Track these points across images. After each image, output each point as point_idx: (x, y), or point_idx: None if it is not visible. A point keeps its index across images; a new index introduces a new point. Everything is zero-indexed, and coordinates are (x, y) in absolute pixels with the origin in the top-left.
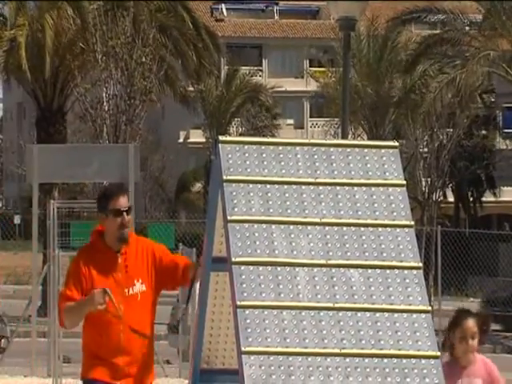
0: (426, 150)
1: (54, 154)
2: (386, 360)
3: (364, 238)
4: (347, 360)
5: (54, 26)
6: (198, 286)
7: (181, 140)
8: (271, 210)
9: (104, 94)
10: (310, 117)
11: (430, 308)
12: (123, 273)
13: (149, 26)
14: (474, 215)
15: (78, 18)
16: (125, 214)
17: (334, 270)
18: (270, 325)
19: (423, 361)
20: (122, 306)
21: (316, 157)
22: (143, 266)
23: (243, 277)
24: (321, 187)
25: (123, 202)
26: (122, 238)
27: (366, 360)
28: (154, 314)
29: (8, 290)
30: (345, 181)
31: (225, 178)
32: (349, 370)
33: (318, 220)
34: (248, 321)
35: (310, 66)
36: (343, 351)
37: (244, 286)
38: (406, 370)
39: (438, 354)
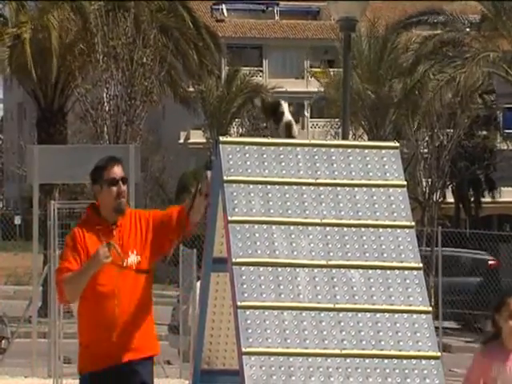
0: (426, 150)
1: (54, 155)
2: (386, 361)
3: (365, 238)
4: (348, 361)
5: (57, 26)
6: (198, 285)
7: (181, 140)
8: (272, 211)
9: (105, 95)
10: (311, 117)
11: (430, 309)
12: (118, 244)
13: (150, 27)
14: (475, 216)
15: (79, 19)
16: (120, 182)
17: (334, 270)
18: (271, 325)
19: (424, 361)
20: (118, 268)
21: (316, 157)
22: (137, 237)
23: (244, 277)
24: (321, 188)
25: (118, 171)
26: (119, 209)
27: (367, 361)
28: (151, 284)
29: (8, 291)
30: (345, 181)
31: (225, 178)
32: (349, 370)
33: (318, 220)
34: (248, 321)
35: (311, 67)
36: (344, 352)
37: (244, 286)
38: (407, 371)
39: (439, 354)
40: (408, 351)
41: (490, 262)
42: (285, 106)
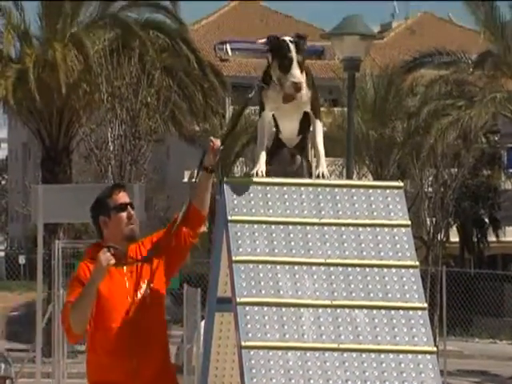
0: (430, 189)
1: (59, 194)
2: None
3: (369, 278)
4: None
5: (63, 62)
6: (202, 324)
7: (186, 179)
8: (276, 251)
9: (109, 134)
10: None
11: (435, 349)
12: (129, 278)
13: (154, 67)
14: (479, 255)
15: (83, 58)
16: (129, 207)
17: (339, 310)
18: (275, 366)
19: None
20: (130, 300)
21: (321, 197)
22: (148, 265)
23: (248, 317)
24: (326, 227)
25: (124, 196)
26: (132, 236)
27: None
28: (164, 310)
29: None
30: (350, 221)
31: (230, 218)
32: None
33: (323, 260)
34: (253, 361)
35: None
36: None
37: (249, 326)
38: None
39: None
40: None
41: None
42: (292, 48)
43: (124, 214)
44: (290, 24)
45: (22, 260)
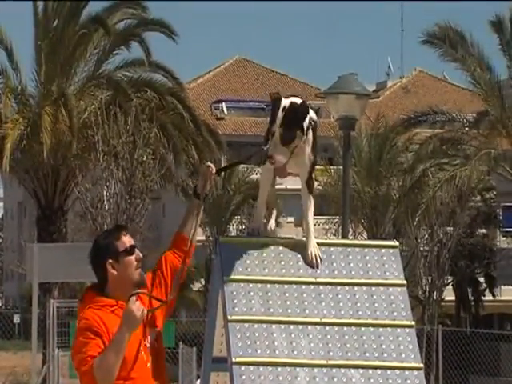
0: (426, 248)
1: (54, 253)
2: None
3: (365, 338)
4: None
5: (52, 126)
6: (198, 383)
7: None
8: (271, 310)
9: (105, 193)
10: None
11: None
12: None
13: (149, 125)
14: (475, 314)
15: (74, 119)
16: (137, 249)
17: (334, 370)
18: None
19: None
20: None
21: None
22: (148, 307)
23: (243, 377)
24: (321, 287)
25: (130, 238)
26: (141, 281)
27: None
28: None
29: None
30: (345, 280)
31: (225, 277)
32: None
33: (318, 320)
34: None
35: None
36: None
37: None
38: None
39: None
40: None
41: None
42: (284, 103)
43: (133, 258)
44: (285, 82)
45: (16, 319)
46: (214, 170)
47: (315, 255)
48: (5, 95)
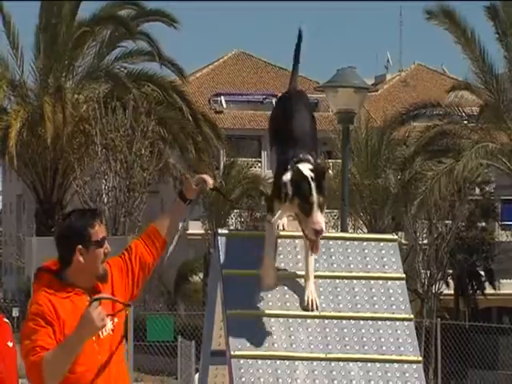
0: (425, 241)
1: (53, 247)
2: None
3: (363, 331)
4: None
5: (52, 117)
6: (196, 377)
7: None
8: (270, 303)
9: (103, 187)
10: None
11: None
12: None
13: (148, 119)
14: (474, 308)
15: (74, 112)
16: (106, 242)
17: (333, 363)
18: None
19: None
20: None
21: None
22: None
23: (242, 370)
24: (320, 280)
25: (104, 229)
26: (105, 276)
27: None
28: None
29: None
30: (344, 274)
31: (224, 271)
32: None
33: (317, 313)
34: None
35: None
36: None
37: (243, 379)
38: None
39: None
40: None
41: None
42: (313, 189)
43: (101, 251)
44: (284, 77)
45: (15, 312)
46: (211, 185)
47: (312, 300)
48: (2, 87)
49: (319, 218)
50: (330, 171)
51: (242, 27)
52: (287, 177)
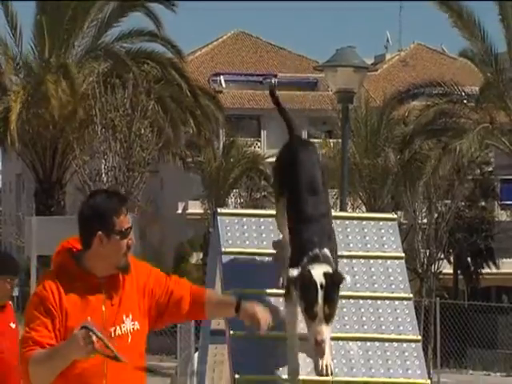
0: (424, 221)
1: (52, 226)
2: None
3: (363, 310)
4: None
5: (56, 94)
6: (196, 356)
7: (179, 211)
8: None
9: (103, 166)
10: None
11: (429, 381)
12: (108, 306)
13: (147, 98)
14: (474, 287)
15: (74, 90)
16: (131, 234)
17: (333, 342)
18: None
19: None
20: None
21: None
22: (134, 297)
23: (241, 350)
24: None
25: (129, 219)
26: (126, 266)
27: None
28: (145, 358)
29: None
30: (343, 253)
31: (223, 249)
32: None
33: None
34: None
35: (309, 137)
36: None
37: (242, 359)
38: None
39: None
40: None
41: None
42: (320, 299)
43: (124, 242)
44: (283, 56)
45: (15, 292)
46: (261, 331)
47: (326, 365)
48: (6, 63)
49: (319, 329)
50: (331, 150)
51: (242, 7)
52: (294, 273)
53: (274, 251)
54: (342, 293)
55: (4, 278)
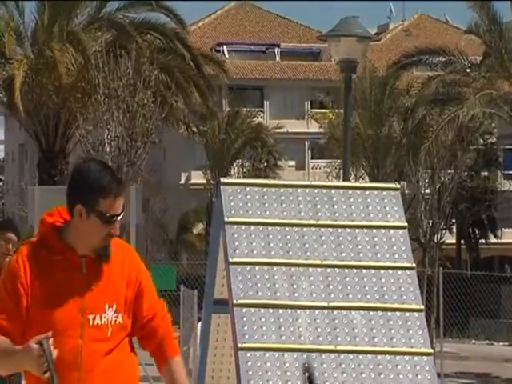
0: (427, 191)
1: (55, 196)
2: None
3: (366, 279)
4: None
5: (61, 59)
6: (199, 326)
7: (182, 181)
8: (273, 252)
9: (106, 136)
10: (312, 158)
11: (431, 350)
12: (88, 290)
13: (150, 68)
14: (476, 257)
15: (80, 58)
16: (117, 222)
17: (335, 312)
18: (272, 367)
19: None
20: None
21: (317, 199)
22: (121, 287)
23: (244, 319)
24: (322, 229)
25: (119, 205)
26: (102, 253)
27: None
28: (135, 360)
29: None
30: (346, 223)
31: (226, 219)
32: None
33: (319, 262)
34: (249, 363)
35: (312, 108)
36: None
37: (245, 328)
38: None
39: None
40: None
41: None
42: None
43: (107, 229)
44: (286, 26)
45: None
46: None
47: None
48: (7, 33)
49: None
50: (334, 120)
51: None
52: None
53: (278, 220)
54: (345, 262)
55: None
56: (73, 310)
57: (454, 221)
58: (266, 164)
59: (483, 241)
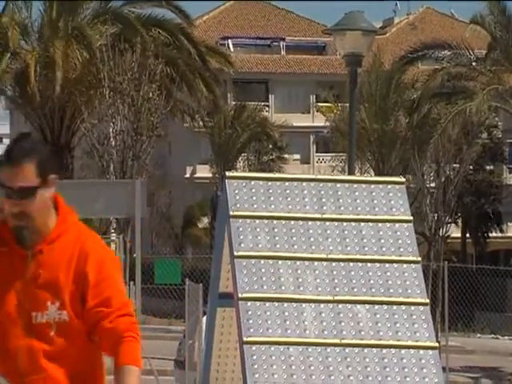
0: (432, 185)
1: (60, 190)
2: None
3: (371, 273)
4: None
5: (63, 59)
6: (204, 319)
7: (187, 175)
8: (278, 246)
9: (111, 130)
10: (317, 152)
11: (437, 344)
12: (31, 286)
13: (156, 61)
14: (481, 251)
15: (85, 53)
16: (15, 197)
17: (340, 305)
18: (277, 361)
19: None
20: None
21: (323, 192)
22: (67, 283)
23: (250, 313)
24: (327, 223)
25: (13, 176)
26: (19, 236)
27: None
28: (96, 360)
29: None
30: (351, 216)
31: (231, 213)
32: None
33: (324, 256)
34: (254, 357)
35: (317, 102)
36: None
37: (250, 321)
38: None
39: None
40: None
41: None
42: None
43: (10, 203)
44: (291, 20)
45: None
46: None
47: None
48: (12, 28)
49: None
50: (338, 115)
51: None
52: None
53: (284, 214)
54: (350, 256)
55: None
56: (14, 306)
57: (459, 215)
58: (271, 158)
59: (488, 235)
